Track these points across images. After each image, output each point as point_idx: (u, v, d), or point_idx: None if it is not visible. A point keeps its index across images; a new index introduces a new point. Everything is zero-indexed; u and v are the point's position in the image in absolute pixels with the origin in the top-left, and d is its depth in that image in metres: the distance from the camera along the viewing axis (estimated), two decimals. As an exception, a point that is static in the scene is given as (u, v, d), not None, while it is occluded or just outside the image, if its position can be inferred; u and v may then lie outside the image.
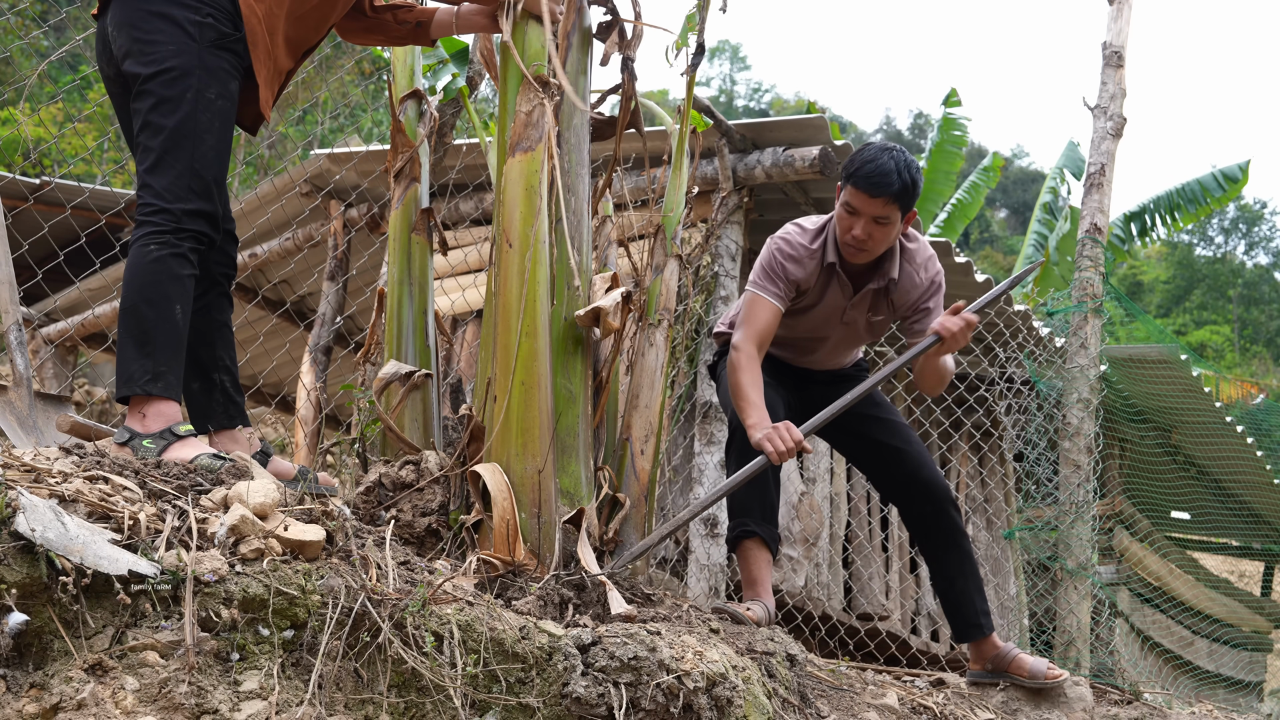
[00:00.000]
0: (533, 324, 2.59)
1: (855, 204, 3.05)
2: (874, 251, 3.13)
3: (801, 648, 2.58)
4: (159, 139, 2.36)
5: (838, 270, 3.20)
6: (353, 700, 1.74)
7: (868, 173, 3.01)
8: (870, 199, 3.01)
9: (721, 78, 45.17)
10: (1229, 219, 36.61)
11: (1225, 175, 10.14)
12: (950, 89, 10.93)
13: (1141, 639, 7.36)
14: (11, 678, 1.54)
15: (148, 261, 2.32)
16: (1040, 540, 5.32)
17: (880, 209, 3.03)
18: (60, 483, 1.83)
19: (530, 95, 2.75)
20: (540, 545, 2.47)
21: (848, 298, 3.24)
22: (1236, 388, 8.71)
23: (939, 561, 3.34)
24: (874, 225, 3.05)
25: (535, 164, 2.70)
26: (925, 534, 3.34)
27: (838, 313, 3.27)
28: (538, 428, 2.53)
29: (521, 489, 2.49)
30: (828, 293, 3.23)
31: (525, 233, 2.65)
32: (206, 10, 2.43)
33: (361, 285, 6.35)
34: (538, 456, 2.51)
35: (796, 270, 3.18)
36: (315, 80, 10.39)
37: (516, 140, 2.74)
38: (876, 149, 3.07)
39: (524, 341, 2.57)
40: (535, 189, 2.69)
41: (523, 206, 2.68)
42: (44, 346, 7.37)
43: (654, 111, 3.54)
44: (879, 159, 3.02)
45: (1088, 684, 3.44)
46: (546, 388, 2.58)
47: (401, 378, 2.91)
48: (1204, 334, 29.11)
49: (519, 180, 2.70)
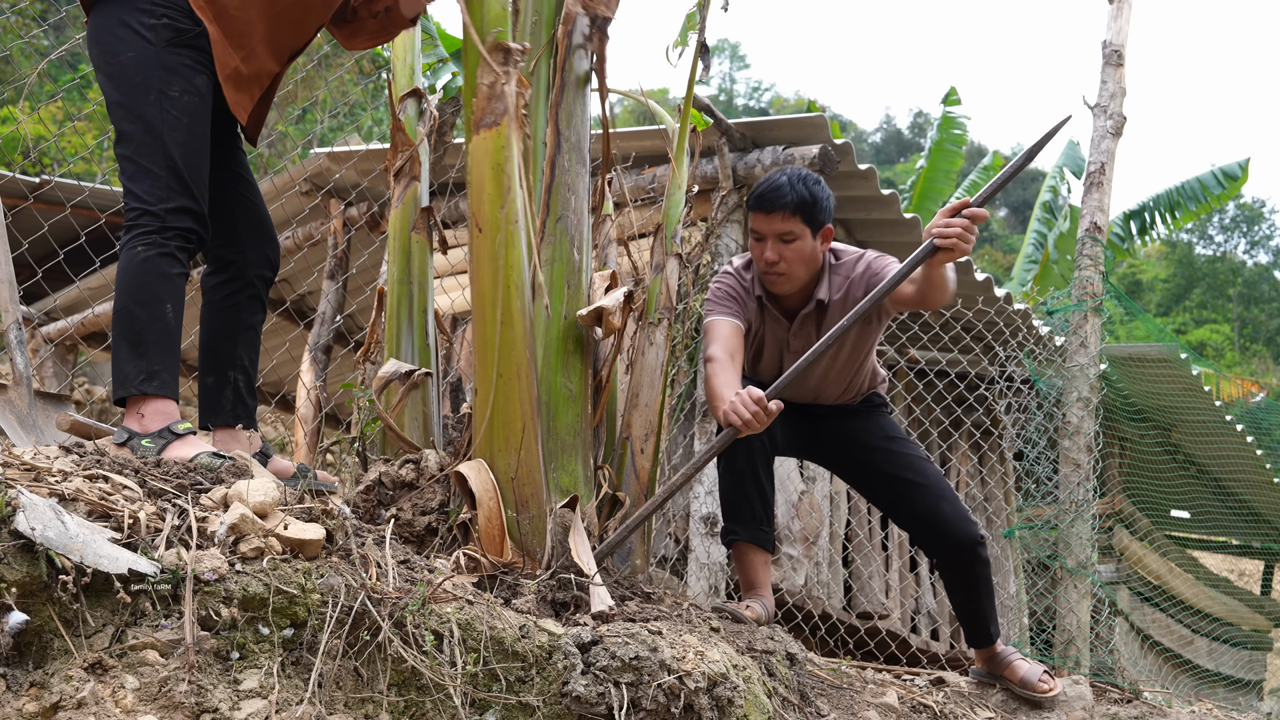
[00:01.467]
0: (509, 312, 2.45)
1: (757, 227, 3.06)
2: (792, 274, 3.08)
3: (801, 647, 2.59)
4: (132, 147, 2.38)
5: (766, 304, 3.17)
6: (353, 699, 1.74)
7: (760, 192, 3.03)
8: (768, 216, 3.03)
9: (721, 76, 45.14)
10: (1229, 218, 36.60)
11: (1225, 173, 10.14)
12: (950, 87, 10.93)
13: (1141, 638, 7.36)
14: (11, 676, 1.54)
15: (136, 263, 2.34)
16: (1040, 539, 5.32)
17: (780, 224, 3.02)
18: (60, 481, 1.82)
19: (490, 66, 2.52)
20: (529, 542, 2.44)
21: (785, 328, 3.20)
22: (1236, 386, 8.71)
23: (957, 587, 3.27)
24: (781, 245, 3.04)
25: (501, 140, 2.48)
26: (946, 570, 3.25)
27: (783, 343, 3.22)
28: (519, 421, 2.44)
29: (506, 485, 2.44)
30: (765, 325, 3.21)
31: (494, 215, 2.46)
32: (161, 11, 2.42)
33: (361, 284, 6.35)
34: (520, 450, 2.44)
35: (740, 293, 3.16)
36: (315, 79, 10.39)
37: (480, 116, 2.50)
38: (774, 173, 3.07)
39: (501, 331, 2.44)
40: (502, 167, 2.47)
41: (490, 187, 2.47)
42: (44, 345, 7.37)
43: (654, 110, 3.53)
44: (773, 178, 3.04)
45: (1087, 683, 3.44)
46: (528, 379, 2.48)
47: (401, 376, 2.91)
48: (1204, 333, 29.11)
49: (484, 159, 2.48)
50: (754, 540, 3.18)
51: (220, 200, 2.60)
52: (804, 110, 12.08)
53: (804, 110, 12.08)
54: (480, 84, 2.52)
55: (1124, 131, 5.07)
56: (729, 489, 3.23)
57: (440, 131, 4.46)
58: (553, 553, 2.43)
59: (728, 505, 3.24)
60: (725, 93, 44.11)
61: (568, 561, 2.39)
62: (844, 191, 5.32)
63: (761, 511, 3.19)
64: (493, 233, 2.46)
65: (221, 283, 2.65)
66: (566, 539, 2.45)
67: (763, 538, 3.19)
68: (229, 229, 2.65)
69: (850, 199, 5.38)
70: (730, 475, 3.21)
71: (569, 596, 2.29)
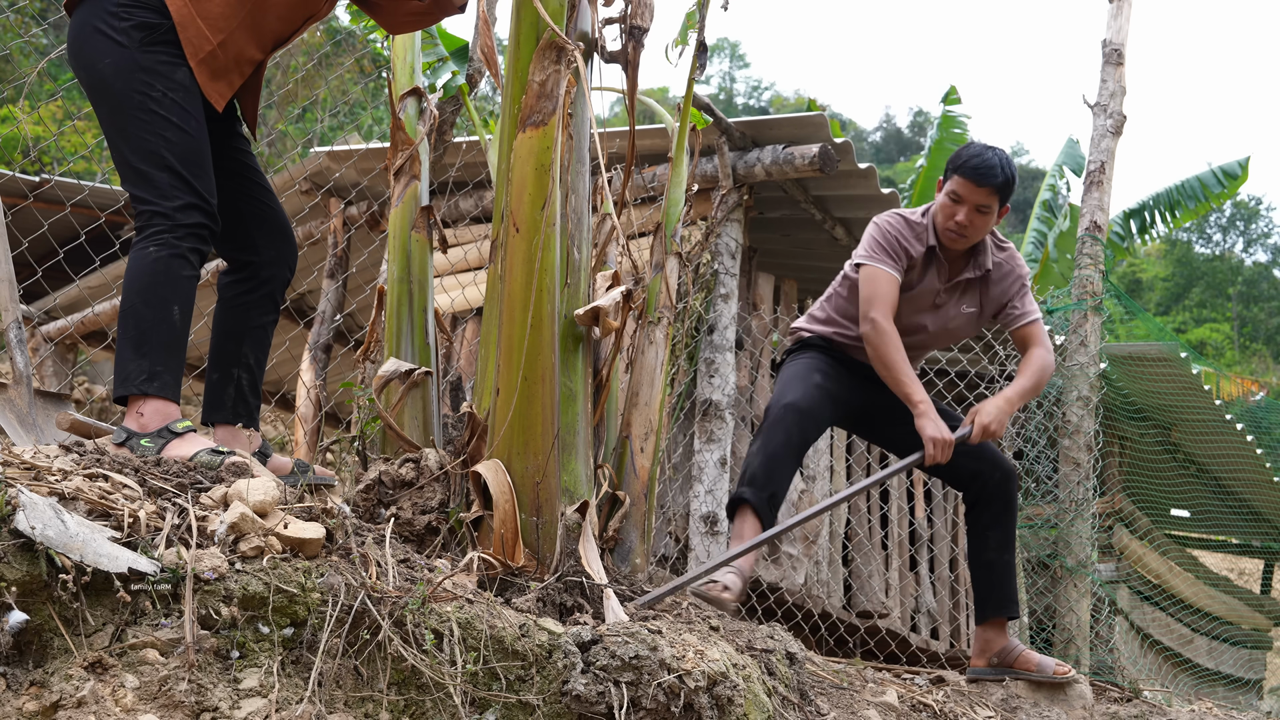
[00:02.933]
0: (540, 316, 2.42)
1: (961, 192, 3.34)
2: (972, 238, 3.41)
3: (801, 646, 2.58)
4: (128, 153, 2.37)
5: (937, 254, 3.46)
6: (352, 698, 1.74)
7: (975, 165, 3.32)
8: (976, 188, 3.32)
9: (721, 75, 45.16)
10: (1227, 216, 36.58)
11: (1225, 172, 10.13)
12: (950, 86, 10.91)
13: (1141, 636, 7.36)
14: (11, 675, 1.54)
15: (147, 263, 2.33)
16: (1040, 538, 5.32)
17: (984, 198, 3.33)
18: (60, 480, 1.82)
19: (546, 61, 2.46)
20: (540, 546, 2.43)
21: (943, 282, 3.49)
22: (1236, 385, 8.70)
23: (994, 531, 3.49)
24: (975, 214, 3.35)
25: (547, 140, 2.44)
26: (988, 503, 3.50)
27: (932, 296, 3.50)
28: (540, 425, 2.44)
29: (523, 488, 2.44)
30: (926, 275, 3.48)
31: (534, 216, 2.42)
32: (128, 13, 2.39)
33: (361, 283, 6.35)
34: (540, 455, 2.45)
35: (909, 244, 3.44)
36: (315, 78, 10.39)
37: (528, 113, 2.44)
38: (980, 146, 3.38)
39: (531, 334, 2.41)
40: (546, 168, 2.42)
41: (531, 187, 2.42)
42: (44, 344, 7.36)
43: (654, 109, 3.53)
44: (984, 154, 3.33)
45: (1087, 681, 3.45)
46: (552, 383, 2.48)
47: (401, 375, 2.91)
48: (1203, 331, 29.10)
49: (528, 159, 2.43)
50: (767, 519, 3.32)
51: (223, 197, 2.59)
52: (804, 109, 12.08)
53: (804, 109, 12.08)
54: (532, 80, 2.47)
55: (1124, 130, 5.07)
56: (777, 466, 3.36)
57: (440, 130, 4.46)
58: (560, 557, 2.43)
59: (768, 477, 3.33)
60: (725, 92, 44.11)
61: (577, 567, 2.39)
62: (844, 190, 5.32)
63: (783, 493, 3.38)
64: (530, 234, 2.42)
65: (235, 281, 2.65)
66: (576, 545, 2.44)
67: (771, 516, 3.35)
68: (238, 229, 2.63)
69: (850, 198, 5.38)
70: (785, 453, 3.38)
71: (573, 602, 2.29)
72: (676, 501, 4.97)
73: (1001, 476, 3.49)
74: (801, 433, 3.40)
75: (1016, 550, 6.30)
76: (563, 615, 2.26)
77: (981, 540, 3.51)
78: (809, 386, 3.46)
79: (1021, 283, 3.54)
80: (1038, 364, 3.45)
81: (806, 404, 3.41)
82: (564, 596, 2.29)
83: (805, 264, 6.06)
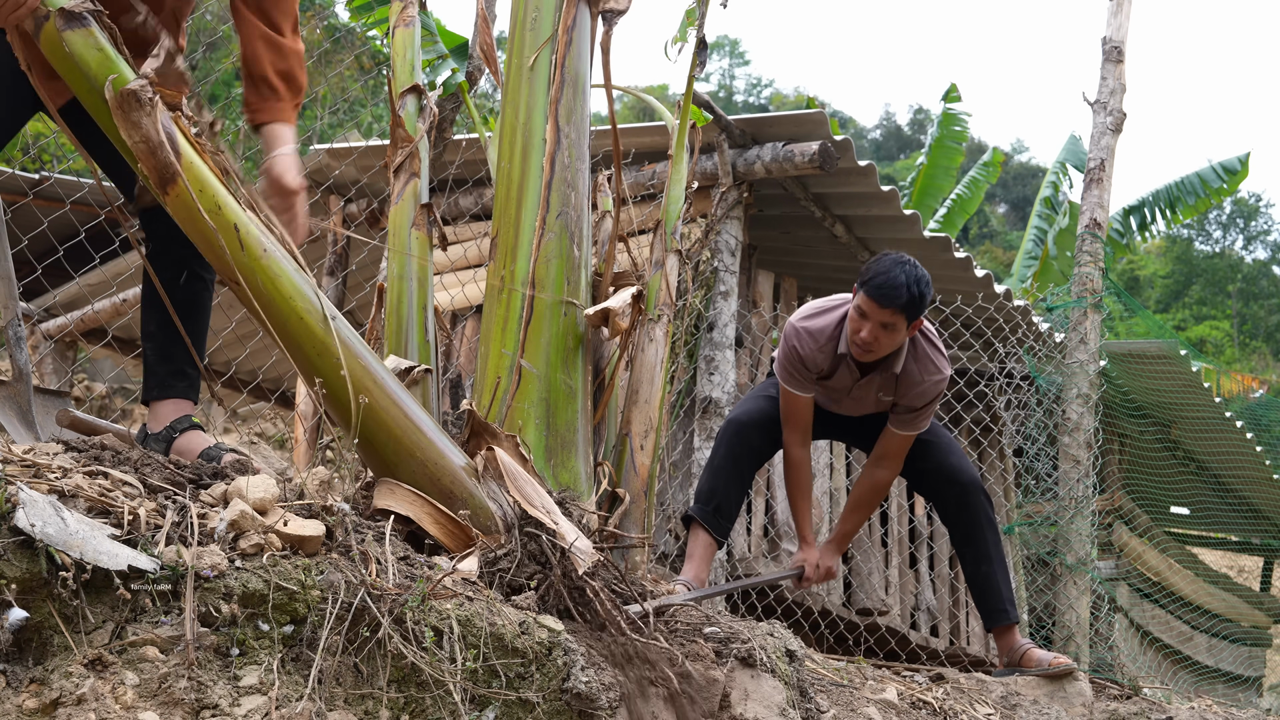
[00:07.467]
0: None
1: (865, 309, 3.33)
2: (879, 353, 3.40)
3: (801, 643, 2.58)
4: None
5: (847, 360, 3.49)
6: (352, 695, 1.74)
7: (879, 284, 3.27)
8: (879, 308, 3.28)
9: (721, 73, 45.11)
10: (1227, 214, 36.55)
11: (1225, 168, 10.10)
12: (950, 84, 10.90)
13: (1141, 634, 7.37)
14: (11, 673, 1.54)
15: None
16: (1040, 535, 5.32)
17: (888, 317, 3.29)
18: (60, 478, 1.82)
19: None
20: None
21: (854, 380, 3.53)
22: (1236, 382, 8.72)
23: (966, 546, 3.59)
24: (880, 330, 3.33)
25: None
26: (953, 521, 3.61)
27: (845, 390, 3.57)
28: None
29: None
30: (837, 373, 3.53)
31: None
32: None
33: (361, 280, 6.35)
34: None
35: (812, 363, 3.50)
36: (314, 75, 10.38)
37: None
38: (890, 261, 3.31)
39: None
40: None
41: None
42: (43, 342, 7.36)
43: (654, 107, 3.53)
44: (891, 272, 3.27)
45: (1087, 679, 3.45)
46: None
47: (401, 373, 2.90)
48: (1203, 329, 29.09)
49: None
50: (715, 530, 3.55)
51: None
52: (804, 107, 12.08)
53: (804, 107, 12.08)
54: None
55: (1124, 127, 5.07)
56: (721, 479, 3.57)
57: (440, 128, 4.45)
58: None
59: (711, 491, 3.56)
60: (725, 89, 44.09)
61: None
62: (844, 188, 5.32)
63: (736, 508, 3.59)
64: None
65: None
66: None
67: (724, 530, 3.57)
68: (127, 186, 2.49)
69: (850, 195, 5.38)
70: (729, 465, 3.58)
71: (541, 571, 2.18)
72: (676, 499, 4.97)
73: (959, 492, 3.56)
74: (745, 444, 3.60)
75: (1013, 550, 6.32)
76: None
77: (961, 557, 3.69)
78: (759, 401, 3.70)
79: (927, 401, 3.50)
80: (868, 489, 3.69)
81: (748, 418, 3.63)
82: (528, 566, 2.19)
83: (805, 261, 6.07)
